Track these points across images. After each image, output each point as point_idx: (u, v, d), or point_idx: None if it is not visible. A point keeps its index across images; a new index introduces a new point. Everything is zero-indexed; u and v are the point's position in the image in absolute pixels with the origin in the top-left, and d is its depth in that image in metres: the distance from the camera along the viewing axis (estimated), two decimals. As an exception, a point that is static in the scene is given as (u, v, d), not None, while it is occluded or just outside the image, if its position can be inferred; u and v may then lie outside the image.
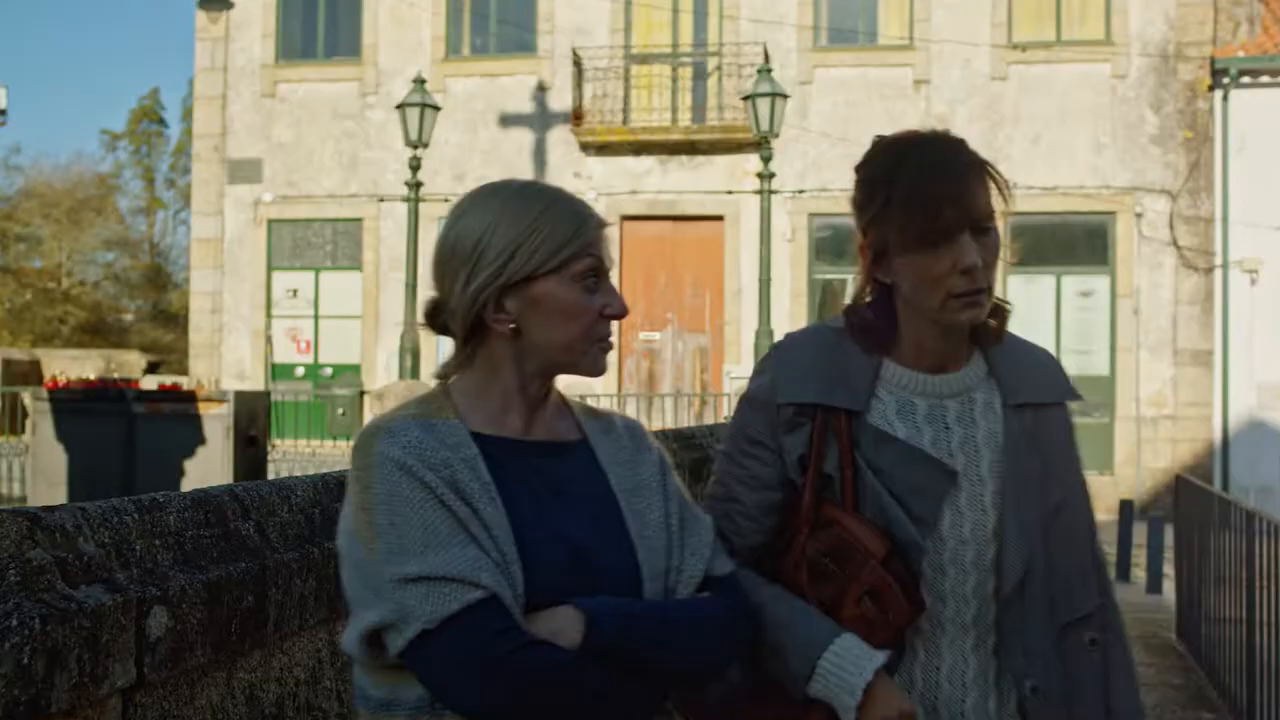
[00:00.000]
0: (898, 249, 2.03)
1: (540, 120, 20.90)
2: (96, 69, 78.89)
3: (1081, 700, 2.14)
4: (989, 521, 2.09)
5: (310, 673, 2.60)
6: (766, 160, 16.19)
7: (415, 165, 16.80)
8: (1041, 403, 2.17)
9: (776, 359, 2.16)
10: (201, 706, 2.21)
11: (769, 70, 16.68)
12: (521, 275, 1.86)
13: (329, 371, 21.50)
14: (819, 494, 2.09)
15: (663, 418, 18.02)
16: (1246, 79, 18.86)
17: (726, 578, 1.97)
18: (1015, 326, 2.25)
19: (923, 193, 1.99)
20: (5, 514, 1.85)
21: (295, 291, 21.88)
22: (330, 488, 2.79)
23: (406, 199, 16.97)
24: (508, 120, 20.96)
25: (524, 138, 20.91)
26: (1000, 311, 2.16)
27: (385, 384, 16.90)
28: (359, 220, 21.49)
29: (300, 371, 21.65)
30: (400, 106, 17.09)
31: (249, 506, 2.45)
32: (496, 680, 1.69)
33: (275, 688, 2.46)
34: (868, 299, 2.15)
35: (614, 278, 1.95)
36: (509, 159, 20.77)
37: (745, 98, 16.73)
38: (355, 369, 21.34)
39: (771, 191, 16.39)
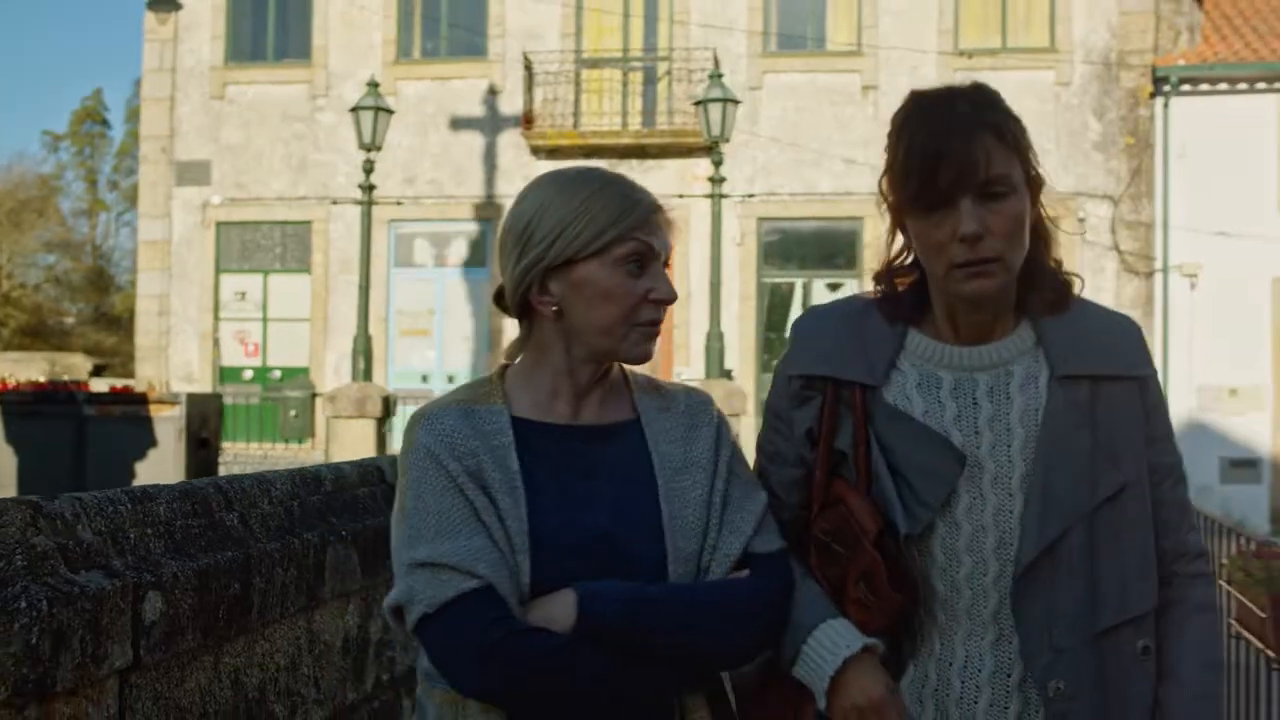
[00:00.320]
0: (904, 211, 1.93)
1: (491, 124, 20.94)
2: (38, 69, 78.04)
3: (1124, 716, 1.92)
4: (1015, 506, 1.92)
5: (290, 659, 2.68)
6: (717, 165, 16.33)
7: (368, 168, 16.80)
8: (1103, 374, 1.96)
9: (794, 331, 2.06)
10: (191, 689, 2.29)
11: (720, 76, 16.82)
12: (564, 258, 1.89)
13: (278, 374, 21.42)
14: (834, 471, 1.98)
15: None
16: (1187, 87, 19.21)
17: (769, 556, 1.94)
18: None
19: (920, 150, 1.87)
20: (9, 502, 1.93)
21: (243, 294, 21.78)
22: (308, 482, 2.87)
23: (360, 202, 16.96)
24: (458, 123, 20.97)
25: (475, 141, 20.94)
26: (1058, 282, 2.00)
27: (337, 386, 16.88)
28: (308, 223, 21.42)
29: (248, 374, 21.55)
30: (354, 110, 17.08)
31: (232, 499, 2.53)
32: (489, 666, 1.74)
33: (258, 673, 2.55)
34: (899, 263, 2.02)
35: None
36: (460, 162, 20.82)
37: (697, 103, 16.85)
38: (304, 372, 21.26)
39: (721, 196, 16.51)
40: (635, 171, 20.44)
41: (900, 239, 2.01)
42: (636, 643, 1.79)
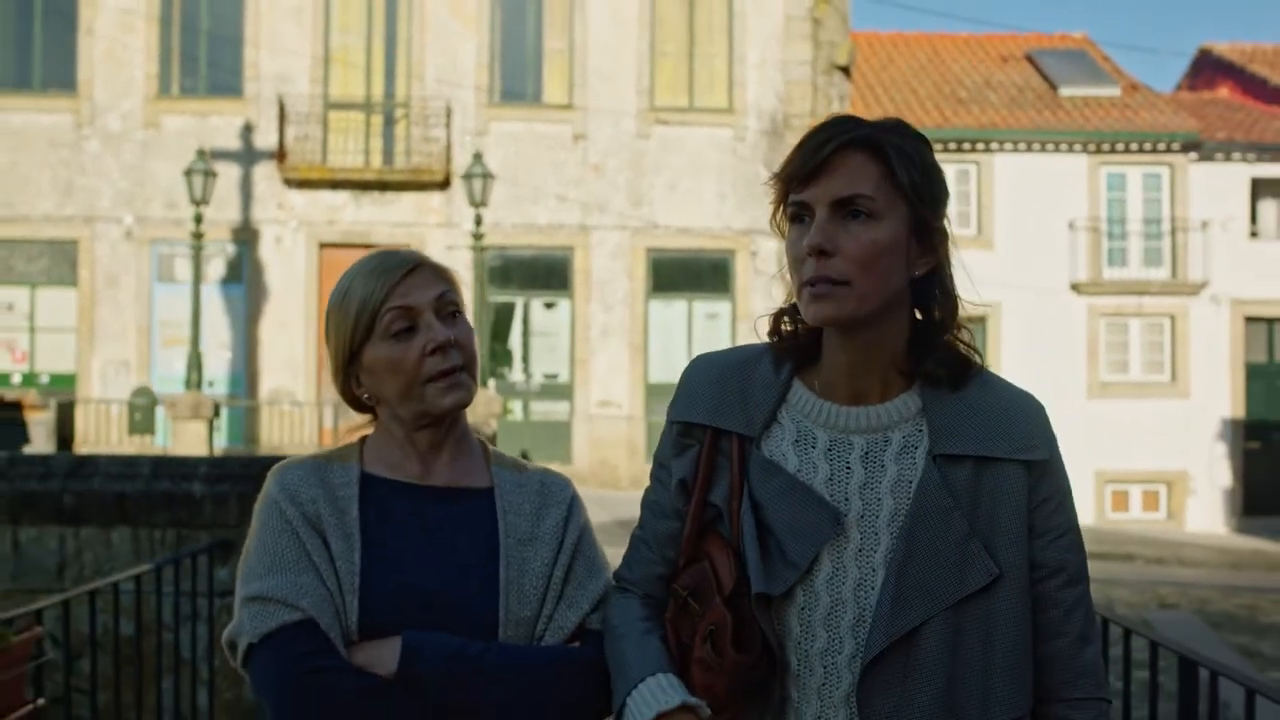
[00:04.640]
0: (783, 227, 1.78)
1: (247, 156, 23.30)
2: None
3: None
4: (876, 581, 1.76)
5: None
6: (478, 222, 19.92)
7: (198, 219, 19.85)
8: (987, 456, 1.77)
9: (682, 376, 1.92)
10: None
11: (480, 155, 20.36)
12: (349, 352, 1.97)
13: (46, 380, 23.18)
14: (708, 526, 1.86)
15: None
16: (838, 144, 23.26)
17: (602, 633, 1.94)
18: (655, 345, 2.76)
19: (799, 151, 1.75)
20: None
21: (11, 305, 23.49)
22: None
23: (193, 247, 19.43)
24: (217, 155, 23.07)
25: (232, 171, 23.19)
26: (952, 358, 1.82)
27: (177, 394, 19.43)
28: (74, 241, 23.17)
29: (17, 379, 23.17)
30: (187, 173, 19.98)
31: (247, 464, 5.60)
32: (300, 697, 1.81)
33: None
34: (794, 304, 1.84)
35: (311, 301, 2.61)
36: (219, 191, 22.86)
37: (464, 177, 20.34)
38: (71, 378, 22.91)
39: (481, 246, 19.58)
40: (377, 203, 23.29)
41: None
42: (455, 696, 1.82)
